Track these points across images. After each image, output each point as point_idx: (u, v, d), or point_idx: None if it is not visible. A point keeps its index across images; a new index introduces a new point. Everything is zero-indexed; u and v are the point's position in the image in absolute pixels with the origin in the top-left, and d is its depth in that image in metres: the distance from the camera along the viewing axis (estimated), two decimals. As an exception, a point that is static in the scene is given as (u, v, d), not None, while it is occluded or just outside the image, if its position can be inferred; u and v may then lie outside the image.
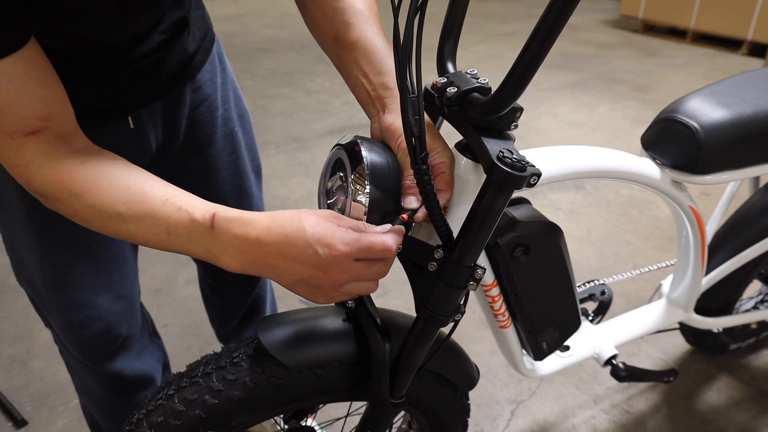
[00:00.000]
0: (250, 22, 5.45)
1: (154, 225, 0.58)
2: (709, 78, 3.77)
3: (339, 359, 0.77)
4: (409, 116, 0.56)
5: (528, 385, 1.51)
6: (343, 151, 0.64)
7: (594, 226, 2.22)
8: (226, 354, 0.77)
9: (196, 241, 0.58)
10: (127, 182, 0.59)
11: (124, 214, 0.58)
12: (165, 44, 0.77)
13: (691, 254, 1.09)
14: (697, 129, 0.89)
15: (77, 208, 0.59)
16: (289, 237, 0.55)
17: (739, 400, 1.45)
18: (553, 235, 0.81)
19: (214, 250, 0.58)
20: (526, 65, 0.51)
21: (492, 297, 0.84)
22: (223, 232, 0.57)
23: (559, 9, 0.47)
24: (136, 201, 0.58)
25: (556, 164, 0.77)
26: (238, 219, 0.57)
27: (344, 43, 0.70)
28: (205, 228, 0.57)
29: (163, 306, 1.82)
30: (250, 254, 0.57)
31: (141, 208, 0.58)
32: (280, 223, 0.56)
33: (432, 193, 0.59)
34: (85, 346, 0.89)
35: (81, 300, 0.84)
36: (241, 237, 0.56)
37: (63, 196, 0.58)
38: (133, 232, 0.59)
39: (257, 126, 3.13)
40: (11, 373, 1.57)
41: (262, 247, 0.56)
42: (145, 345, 1.01)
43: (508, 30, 5.10)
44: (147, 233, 0.58)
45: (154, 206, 0.58)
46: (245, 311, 1.18)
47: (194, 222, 0.57)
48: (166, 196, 0.59)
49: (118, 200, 0.58)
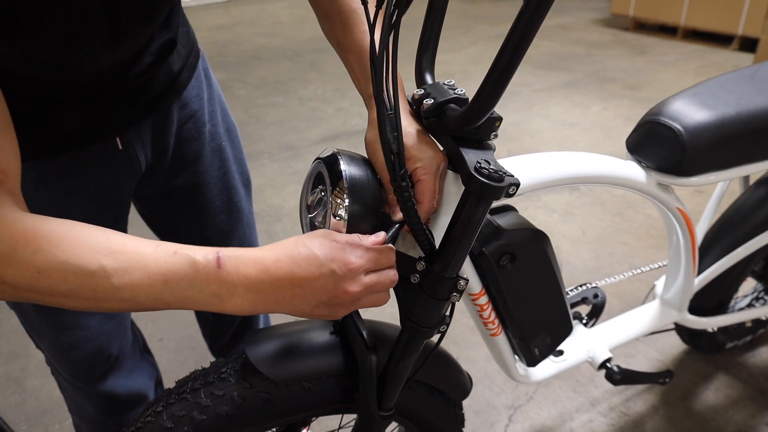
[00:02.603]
0: (242, 30, 5.46)
1: (146, 275, 0.51)
2: (701, 74, 3.77)
3: (326, 372, 0.76)
4: (387, 133, 0.55)
5: (525, 390, 1.50)
6: (323, 165, 0.64)
7: (588, 226, 2.22)
8: (213, 369, 0.77)
9: (201, 286, 0.52)
10: (106, 234, 0.52)
11: (108, 267, 0.50)
12: (153, 66, 0.77)
13: (682, 255, 1.09)
14: (680, 131, 0.89)
15: (42, 269, 0.48)
16: (302, 265, 0.54)
17: (737, 399, 1.45)
18: (539, 242, 0.81)
19: (222, 294, 0.53)
20: (498, 75, 0.51)
21: (481, 306, 0.84)
22: (232, 271, 0.53)
23: (529, 18, 0.47)
24: (121, 251, 0.51)
25: (539, 172, 0.76)
26: (245, 256, 0.54)
27: (344, 46, 0.71)
28: (210, 270, 0.52)
29: (158, 320, 1.81)
30: (263, 292, 0.54)
31: (129, 258, 0.50)
32: (287, 253, 0.54)
33: (412, 209, 0.59)
34: (76, 368, 0.88)
35: (70, 321, 0.83)
36: (252, 275, 0.53)
37: (24, 254, 0.48)
38: (120, 288, 0.50)
39: (250, 135, 3.14)
40: (6, 392, 1.56)
41: (276, 281, 0.53)
42: (137, 363, 1.00)
43: (499, 32, 5.10)
44: (138, 286, 0.50)
45: (145, 253, 0.51)
46: (238, 324, 1.18)
47: (196, 264, 0.52)
48: (155, 244, 0.53)
49: (100, 251, 0.50)
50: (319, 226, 0.65)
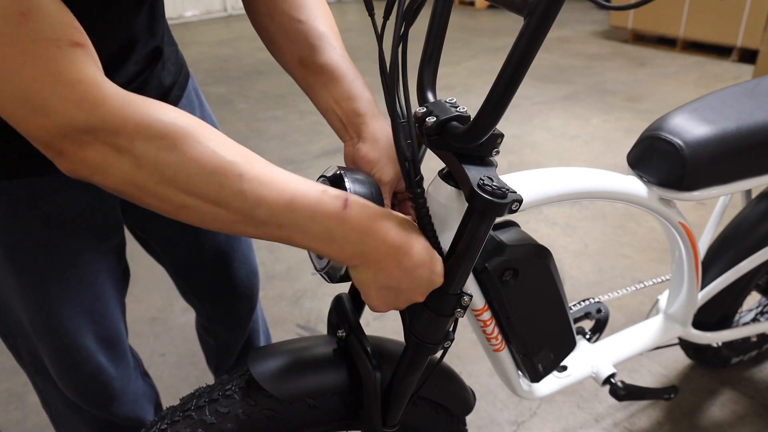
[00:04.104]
0: (243, 45, 5.51)
1: (276, 188, 0.50)
2: (701, 85, 3.79)
3: (331, 389, 0.76)
4: (401, 141, 0.56)
5: (528, 406, 1.49)
6: (328, 183, 0.64)
7: (590, 239, 2.21)
8: (218, 387, 0.77)
9: (319, 218, 0.52)
10: (238, 144, 0.51)
11: (242, 166, 0.48)
12: (139, 75, 0.75)
13: (685, 270, 1.09)
14: (681, 146, 0.89)
15: (179, 145, 0.46)
16: (417, 249, 0.57)
17: (743, 415, 1.44)
18: (542, 258, 0.81)
19: (335, 233, 0.53)
20: (501, 93, 0.52)
21: (484, 321, 0.84)
22: (355, 215, 0.53)
23: (530, 36, 0.47)
24: (256, 159, 0.50)
25: (541, 187, 0.77)
26: (371, 207, 0.55)
27: (311, 67, 0.69)
28: (335, 206, 0.52)
29: (160, 335, 1.81)
30: (369, 247, 0.55)
31: (262, 167, 0.50)
32: (406, 230, 0.57)
33: (427, 216, 0.60)
34: (78, 389, 0.86)
35: (68, 343, 0.81)
36: (374, 228, 0.54)
37: (162, 124, 0.45)
38: (245, 192, 0.48)
39: (252, 149, 3.09)
40: (8, 408, 1.56)
41: (387, 246, 0.55)
42: (139, 388, 0.98)
43: (499, 45, 5.14)
44: (263, 197, 0.49)
45: (278, 172, 0.51)
46: (242, 347, 1.17)
47: (326, 194, 0.52)
48: (286, 172, 0.53)
49: (236, 152, 0.49)
50: None
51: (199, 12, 6.90)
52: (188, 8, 6.82)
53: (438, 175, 0.66)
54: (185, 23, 6.72)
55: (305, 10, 0.70)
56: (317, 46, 0.69)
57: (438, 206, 0.66)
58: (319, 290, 1.98)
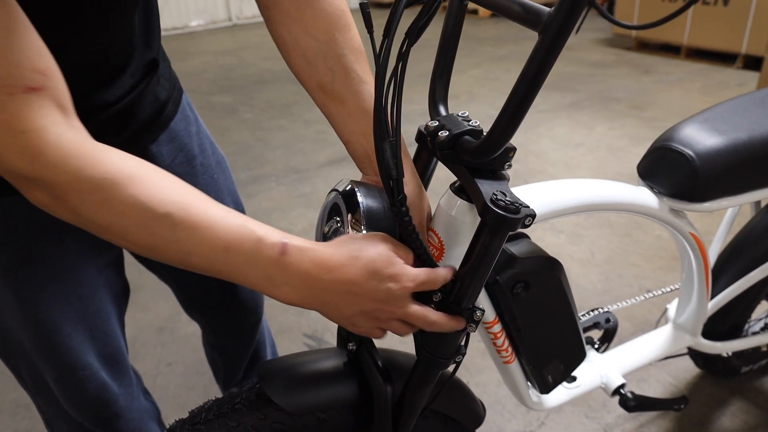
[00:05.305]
0: (248, 55, 5.54)
1: (210, 237, 0.50)
2: (706, 93, 3.79)
3: (341, 402, 0.76)
4: (386, 159, 0.56)
5: (537, 416, 1.48)
6: (340, 197, 0.64)
7: (597, 248, 2.21)
8: (227, 400, 0.77)
9: (258, 265, 0.52)
10: (181, 185, 0.51)
11: (176, 216, 0.48)
12: (135, 87, 0.74)
13: (695, 279, 1.08)
14: (692, 157, 0.89)
15: (110, 199, 0.46)
16: (364, 275, 0.55)
17: (754, 425, 1.42)
18: (553, 270, 0.81)
19: (276, 279, 0.53)
20: (515, 108, 0.52)
21: (494, 333, 0.83)
22: (294, 262, 0.53)
23: (545, 53, 0.47)
24: (192, 205, 0.50)
25: (552, 200, 0.76)
26: (311, 250, 0.54)
27: (332, 94, 0.66)
28: (273, 253, 0.52)
29: (167, 344, 1.80)
30: (317, 290, 0.55)
31: (198, 214, 0.50)
32: (351, 259, 0.55)
33: (414, 233, 0.59)
34: (83, 408, 0.85)
35: (70, 362, 0.80)
36: (314, 272, 0.54)
37: (93, 180, 0.46)
38: (180, 241, 0.49)
39: (257, 158, 3.16)
40: (15, 418, 1.56)
41: (334, 284, 0.55)
42: (142, 405, 0.97)
43: (503, 53, 5.16)
44: (198, 245, 0.50)
45: (215, 216, 0.51)
46: (249, 360, 1.17)
47: (262, 243, 0.52)
48: (226, 210, 0.52)
49: (170, 200, 0.49)
50: None
51: (204, 22, 6.94)
52: (193, 18, 6.87)
53: (450, 189, 0.66)
54: (190, 33, 6.76)
55: (324, 26, 0.65)
56: (337, 72, 0.65)
57: (450, 220, 0.65)
58: (326, 299, 1.97)
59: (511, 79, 4.25)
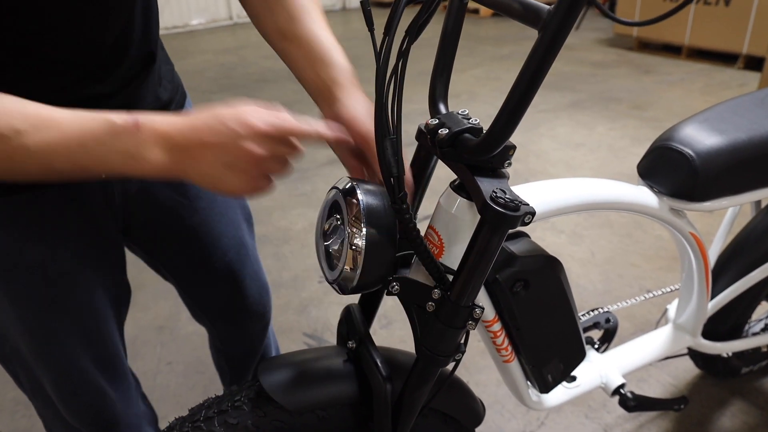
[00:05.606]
0: (248, 53, 5.54)
1: (61, 136, 0.51)
2: (707, 93, 3.78)
3: (341, 401, 0.76)
4: (387, 156, 0.56)
5: (536, 416, 1.48)
6: (340, 194, 0.65)
7: (597, 248, 2.21)
8: (227, 397, 0.77)
9: (116, 146, 0.53)
10: (22, 102, 0.52)
11: (21, 128, 0.50)
12: (133, 80, 0.74)
13: (695, 279, 1.08)
14: (692, 156, 0.89)
15: None
16: (209, 123, 0.56)
17: (754, 426, 1.42)
18: (553, 269, 0.81)
19: (137, 153, 0.54)
20: (514, 105, 0.52)
21: (494, 332, 0.83)
22: (147, 129, 0.54)
23: (545, 50, 0.47)
24: (35, 115, 0.51)
25: (553, 199, 0.76)
26: (160, 117, 0.56)
27: (289, 37, 0.72)
28: (127, 128, 0.54)
29: (167, 343, 1.81)
30: (175, 151, 0.55)
31: (43, 120, 0.51)
32: (198, 117, 0.57)
33: (415, 230, 0.59)
34: (81, 414, 0.85)
35: (67, 367, 0.79)
36: (168, 133, 0.55)
37: None
38: (34, 150, 0.50)
39: (258, 157, 3.15)
40: (15, 416, 1.56)
41: (187, 141, 0.56)
42: (140, 410, 0.96)
43: (503, 52, 5.15)
44: (53, 148, 0.51)
45: (61, 117, 0.52)
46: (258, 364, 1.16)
47: (113, 125, 0.53)
48: (73, 112, 0.53)
49: (13, 116, 0.50)
50: (334, 253, 0.66)
51: (204, 20, 6.94)
52: (194, 17, 6.87)
53: (450, 186, 0.67)
54: (191, 32, 6.76)
55: None
56: (296, 17, 0.71)
57: (450, 218, 0.65)
58: (326, 299, 1.98)
59: (511, 79, 4.25)
